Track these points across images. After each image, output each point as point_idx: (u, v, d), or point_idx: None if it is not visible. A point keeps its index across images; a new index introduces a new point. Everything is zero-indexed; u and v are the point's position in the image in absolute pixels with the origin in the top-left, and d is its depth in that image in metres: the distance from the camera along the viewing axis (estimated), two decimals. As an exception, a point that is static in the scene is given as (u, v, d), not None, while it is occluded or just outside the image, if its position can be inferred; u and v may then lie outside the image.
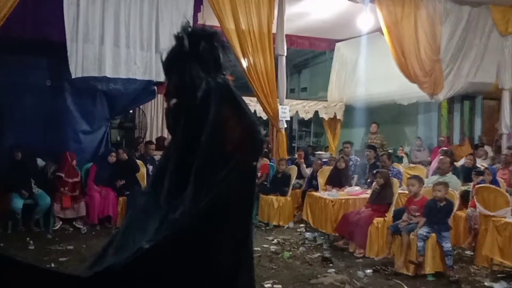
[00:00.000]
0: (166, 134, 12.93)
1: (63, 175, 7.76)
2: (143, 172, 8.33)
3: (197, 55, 2.71)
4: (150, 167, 8.61)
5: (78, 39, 7.61)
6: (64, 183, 7.71)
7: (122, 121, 12.08)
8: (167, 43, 8.34)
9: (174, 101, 2.73)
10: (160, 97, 12.51)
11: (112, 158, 8.20)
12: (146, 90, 9.34)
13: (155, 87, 9.46)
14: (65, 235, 7.32)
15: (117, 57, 7.90)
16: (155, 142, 11.17)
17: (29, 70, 8.41)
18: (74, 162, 7.98)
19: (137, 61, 8.05)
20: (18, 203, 7.30)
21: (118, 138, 12.13)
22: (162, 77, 8.43)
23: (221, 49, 2.79)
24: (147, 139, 12.13)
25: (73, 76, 7.70)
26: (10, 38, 7.45)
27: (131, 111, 11.87)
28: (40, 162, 8.10)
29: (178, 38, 2.84)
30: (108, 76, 7.95)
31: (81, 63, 7.65)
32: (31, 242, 6.68)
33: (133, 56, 8.03)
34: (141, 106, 11.73)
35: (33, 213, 7.47)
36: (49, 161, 8.11)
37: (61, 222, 7.64)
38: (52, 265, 5.65)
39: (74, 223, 7.70)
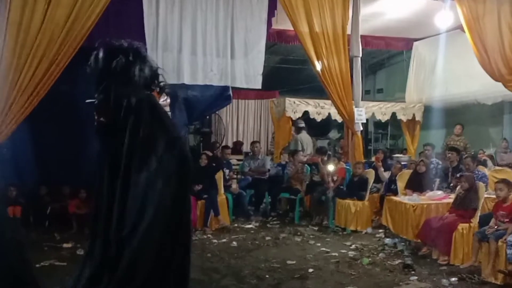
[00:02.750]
0: (242, 138, 13.16)
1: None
2: (220, 175, 8.54)
3: (115, 72, 2.74)
4: (227, 171, 8.90)
5: (158, 47, 7.90)
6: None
7: (199, 126, 12.36)
8: (242, 49, 8.49)
9: (101, 119, 2.83)
10: (235, 102, 12.69)
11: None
12: (222, 95, 9.47)
13: (231, 93, 9.64)
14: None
15: (195, 65, 8.14)
16: (231, 147, 11.38)
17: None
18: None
19: (213, 68, 8.25)
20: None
21: (195, 143, 12.42)
22: (237, 83, 8.64)
23: (139, 63, 2.78)
24: (224, 143, 12.36)
25: (152, 84, 7.99)
26: (95, 49, 7.81)
27: (207, 117, 12.13)
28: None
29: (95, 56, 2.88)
30: (186, 83, 8.16)
31: (161, 71, 7.92)
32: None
33: (209, 63, 8.25)
34: (217, 112, 11.94)
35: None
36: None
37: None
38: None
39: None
